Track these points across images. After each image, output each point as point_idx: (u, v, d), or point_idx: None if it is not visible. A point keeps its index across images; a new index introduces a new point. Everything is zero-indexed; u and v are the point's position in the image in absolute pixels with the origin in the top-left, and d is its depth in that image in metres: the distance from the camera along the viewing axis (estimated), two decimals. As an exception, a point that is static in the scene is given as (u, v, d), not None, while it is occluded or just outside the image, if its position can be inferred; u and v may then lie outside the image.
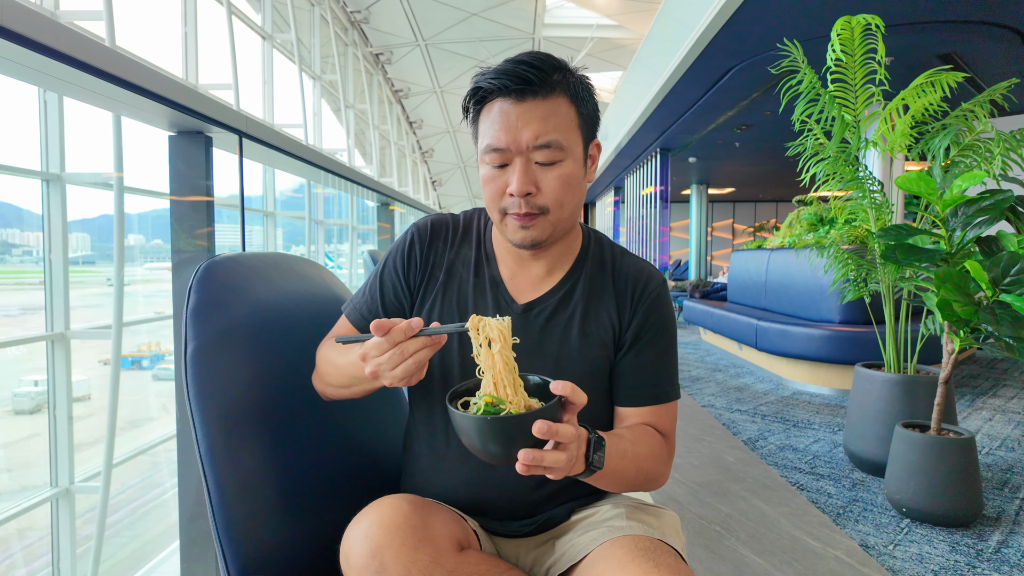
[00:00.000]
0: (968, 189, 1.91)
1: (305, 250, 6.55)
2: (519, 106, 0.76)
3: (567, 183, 0.78)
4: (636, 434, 0.80)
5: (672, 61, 5.38)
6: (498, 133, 0.76)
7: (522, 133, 0.75)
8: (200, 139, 2.62)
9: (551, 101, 0.76)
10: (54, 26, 1.75)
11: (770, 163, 9.99)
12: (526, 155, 0.77)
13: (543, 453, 0.59)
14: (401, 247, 0.90)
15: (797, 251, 4.32)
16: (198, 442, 0.80)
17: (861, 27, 2.38)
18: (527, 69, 0.75)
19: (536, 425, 0.58)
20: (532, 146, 0.76)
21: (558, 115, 0.77)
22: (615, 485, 0.77)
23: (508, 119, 0.76)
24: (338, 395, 0.85)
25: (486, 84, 0.77)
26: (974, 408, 3.60)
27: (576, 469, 0.65)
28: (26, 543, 3.33)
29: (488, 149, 0.78)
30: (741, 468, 2.59)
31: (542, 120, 0.76)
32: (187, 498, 2.14)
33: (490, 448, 0.61)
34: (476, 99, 0.79)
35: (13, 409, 3.87)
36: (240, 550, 0.79)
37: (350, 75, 9.45)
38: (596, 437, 0.68)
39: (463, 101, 0.82)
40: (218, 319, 0.85)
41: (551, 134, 0.76)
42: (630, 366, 0.85)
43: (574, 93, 0.79)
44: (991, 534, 1.98)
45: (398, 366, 0.67)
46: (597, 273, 0.88)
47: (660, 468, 0.82)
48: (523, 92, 0.75)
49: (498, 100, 0.77)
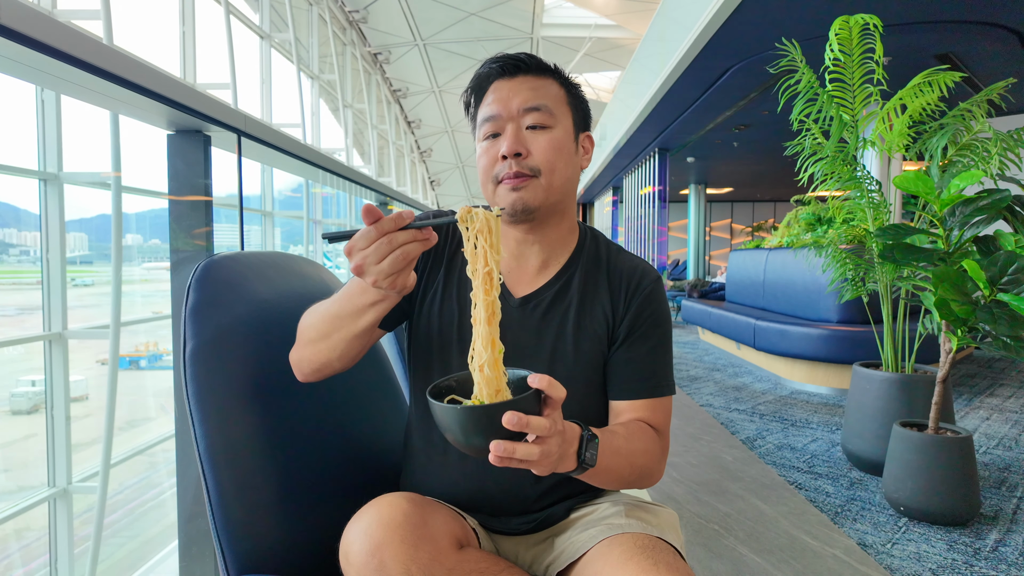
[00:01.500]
0: (966, 188, 1.92)
1: (303, 250, 6.54)
2: (511, 81, 0.83)
3: (557, 147, 0.82)
4: (630, 430, 0.80)
5: (670, 61, 5.38)
6: (491, 104, 0.83)
7: (512, 100, 0.82)
8: (199, 138, 2.62)
9: (542, 79, 0.84)
10: (52, 24, 1.75)
11: (768, 163, 10.00)
12: (517, 120, 0.82)
13: (515, 445, 0.57)
14: None
15: (795, 251, 4.33)
16: (197, 441, 0.80)
17: (859, 27, 2.38)
18: (521, 56, 0.84)
19: (506, 416, 0.56)
20: (522, 109, 0.81)
21: (548, 89, 0.84)
22: (609, 482, 0.76)
23: (500, 92, 0.83)
24: (315, 355, 0.78)
25: (483, 70, 0.85)
26: (972, 407, 3.61)
27: (567, 466, 0.64)
28: (24, 543, 3.32)
29: (482, 121, 0.84)
30: (739, 467, 2.59)
31: (532, 90, 0.82)
32: (186, 497, 2.14)
33: (469, 440, 0.59)
34: (475, 89, 0.86)
35: (11, 409, 3.86)
36: (239, 549, 0.79)
37: (348, 75, 9.45)
38: (589, 434, 0.67)
39: (463, 96, 0.88)
40: (217, 318, 0.85)
41: (540, 99, 0.82)
42: (623, 359, 0.85)
43: (564, 80, 0.87)
44: (988, 533, 1.98)
45: (385, 258, 0.63)
46: (592, 268, 0.89)
47: (654, 464, 0.82)
48: (516, 69, 0.83)
49: (494, 83, 0.84)
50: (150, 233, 4.96)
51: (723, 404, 3.74)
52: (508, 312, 0.83)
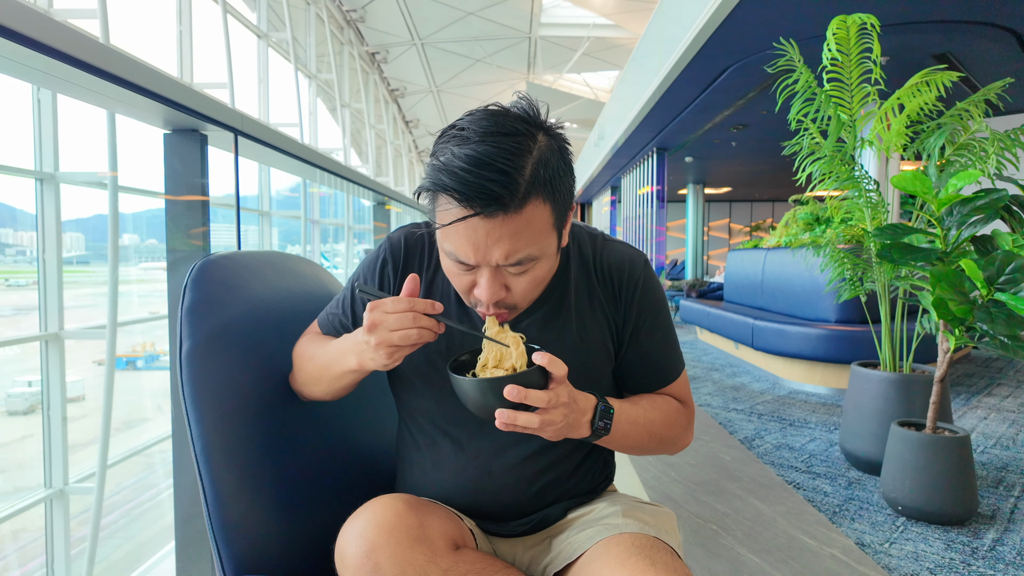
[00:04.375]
0: (963, 188, 1.92)
1: (301, 249, 6.53)
2: (488, 222, 0.64)
3: (539, 282, 0.74)
4: (653, 401, 0.84)
5: (669, 60, 5.38)
6: (463, 247, 0.66)
7: (492, 252, 0.66)
8: (195, 137, 2.61)
9: (524, 213, 0.65)
10: (49, 23, 1.74)
11: (766, 162, 10.01)
12: (494, 268, 0.69)
13: (517, 414, 0.64)
14: (373, 265, 0.85)
15: (793, 250, 4.33)
16: (193, 441, 0.80)
17: (857, 26, 2.38)
18: (493, 182, 0.62)
19: (507, 389, 0.62)
20: (503, 264, 0.68)
21: (532, 226, 0.66)
22: (629, 448, 0.81)
23: (476, 235, 0.65)
24: (311, 394, 0.85)
25: (448, 195, 0.65)
26: (969, 407, 3.62)
27: (581, 432, 0.71)
28: (20, 544, 3.31)
29: (452, 257, 0.69)
30: (738, 467, 2.59)
31: (514, 237, 0.65)
32: (183, 498, 2.13)
33: (478, 407, 0.67)
34: (435, 195, 0.68)
35: (7, 410, 3.85)
36: (236, 550, 0.79)
37: (346, 74, 9.44)
38: (604, 405, 0.74)
39: (413, 191, 0.69)
40: (214, 317, 0.85)
41: (524, 250, 0.67)
42: (637, 356, 0.86)
43: (548, 187, 0.67)
44: (986, 532, 1.99)
45: (400, 330, 0.65)
46: (582, 274, 0.84)
47: (678, 432, 0.86)
48: (495, 210, 0.63)
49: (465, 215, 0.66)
50: (147, 233, 4.95)
51: (721, 404, 3.74)
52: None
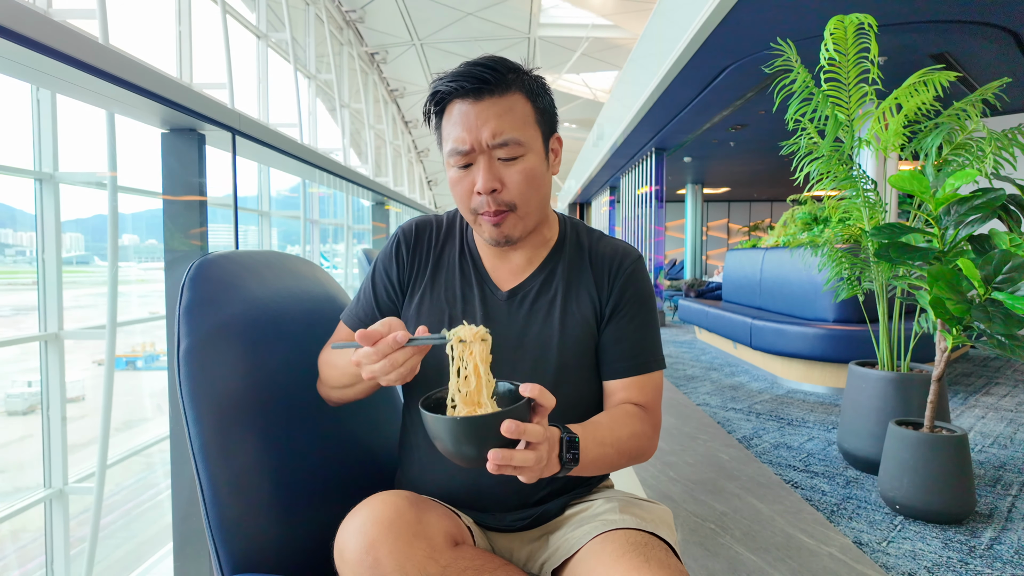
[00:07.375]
0: (960, 188, 1.92)
1: (300, 250, 6.54)
2: (477, 105, 0.79)
3: (530, 177, 0.82)
4: (614, 417, 0.82)
5: (667, 61, 5.39)
6: (460, 134, 0.79)
7: (482, 131, 0.78)
8: (193, 136, 2.61)
9: (507, 98, 0.80)
10: (47, 23, 1.74)
11: (765, 162, 10.02)
12: (488, 153, 0.80)
13: (512, 452, 0.61)
14: (388, 250, 0.95)
15: (791, 250, 4.34)
16: (191, 440, 0.80)
17: (854, 26, 2.39)
18: (483, 70, 0.78)
19: (505, 424, 0.59)
20: (492, 144, 0.79)
21: (515, 111, 0.80)
22: (600, 470, 0.79)
23: (468, 119, 0.79)
24: (342, 396, 0.87)
25: (444, 88, 0.80)
26: (967, 406, 3.63)
27: (550, 470, 0.67)
28: (20, 545, 3.31)
29: (452, 152, 0.81)
30: (736, 466, 2.59)
31: (499, 117, 0.79)
32: (180, 497, 2.13)
33: (462, 449, 0.62)
34: (436, 103, 0.82)
35: (6, 410, 3.84)
36: (233, 548, 0.79)
37: (345, 74, 9.44)
38: (568, 436, 0.69)
39: (424, 107, 0.84)
40: (211, 316, 0.85)
41: (510, 132, 0.79)
42: (612, 338, 0.88)
43: (529, 89, 0.82)
44: (984, 531, 1.99)
45: (391, 372, 0.69)
46: (575, 257, 0.92)
47: (644, 444, 0.84)
48: (480, 91, 0.78)
49: (457, 102, 0.80)
50: (147, 233, 4.94)
51: (720, 403, 3.74)
52: (496, 305, 0.88)
